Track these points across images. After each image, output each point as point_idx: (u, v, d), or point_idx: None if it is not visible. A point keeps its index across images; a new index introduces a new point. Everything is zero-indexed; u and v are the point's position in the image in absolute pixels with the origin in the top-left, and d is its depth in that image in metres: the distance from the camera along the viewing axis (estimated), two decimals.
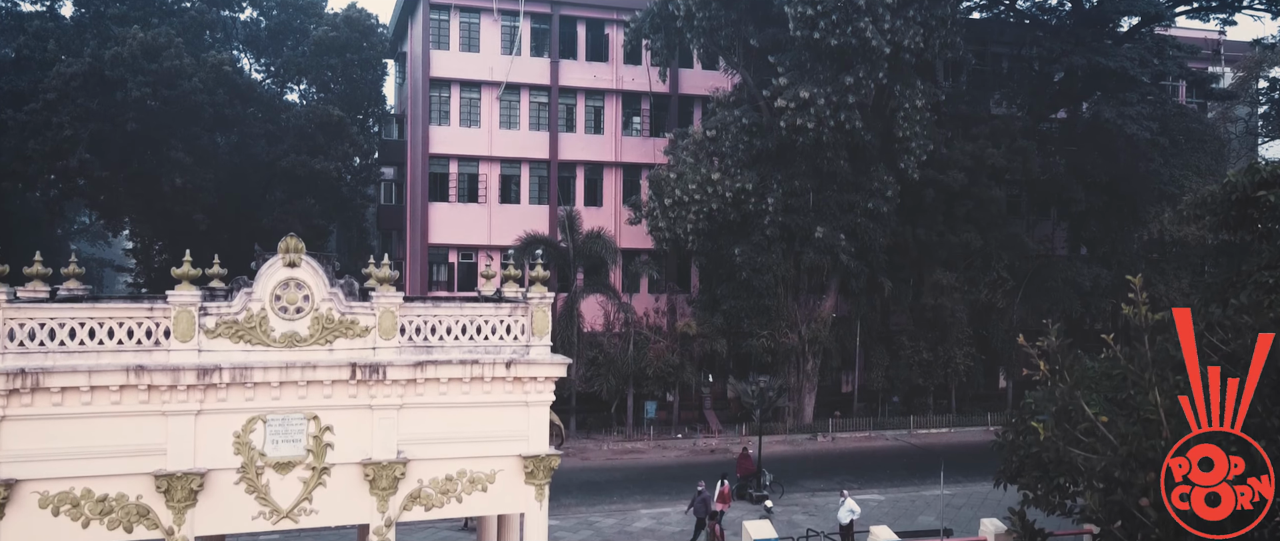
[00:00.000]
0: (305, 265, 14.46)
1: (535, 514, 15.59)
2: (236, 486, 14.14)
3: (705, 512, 25.22)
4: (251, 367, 13.94)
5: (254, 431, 14.17)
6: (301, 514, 14.45)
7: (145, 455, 13.64)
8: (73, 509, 13.35)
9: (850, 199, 40.18)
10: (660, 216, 39.87)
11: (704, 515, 25.19)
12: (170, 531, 13.71)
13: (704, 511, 25.21)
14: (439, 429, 15.04)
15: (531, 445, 15.43)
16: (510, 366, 15.19)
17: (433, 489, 15.03)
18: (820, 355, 42.61)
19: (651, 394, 41.35)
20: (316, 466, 14.42)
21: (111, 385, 13.36)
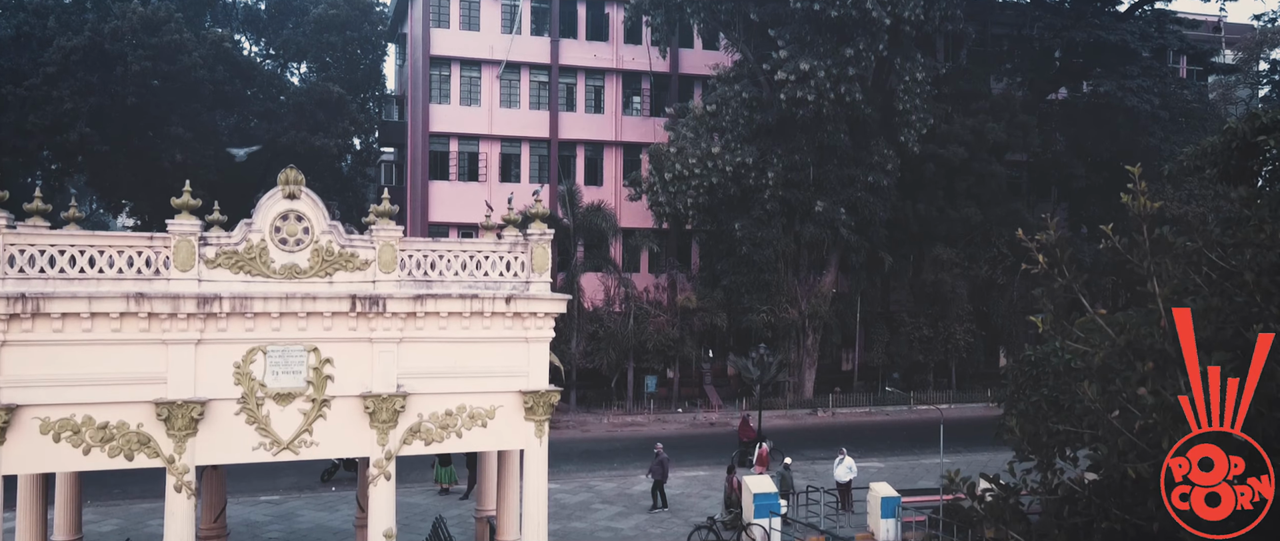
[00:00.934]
0: (305, 197, 14.48)
1: (535, 450, 15.61)
2: (237, 417, 14.15)
3: (662, 474, 24.93)
4: (251, 297, 13.95)
5: (254, 362, 14.18)
6: (302, 445, 14.47)
7: (146, 383, 13.65)
8: (74, 435, 13.37)
9: (850, 173, 40.17)
10: (660, 191, 39.90)
11: (661, 477, 24.89)
12: (171, 460, 13.72)
13: (661, 474, 24.91)
14: (439, 363, 15.05)
15: (531, 380, 15.44)
16: (510, 301, 15.19)
17: (433, 423, 15.04)
18: (820, 330, 42.62)
19: (652, 368, 41.35)
20: (317, 398, 14.44)
21: (112, 312, 13.37)
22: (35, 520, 15.96)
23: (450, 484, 26.26)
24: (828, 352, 46.41)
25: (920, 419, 41.05)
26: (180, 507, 13.85)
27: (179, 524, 13.86)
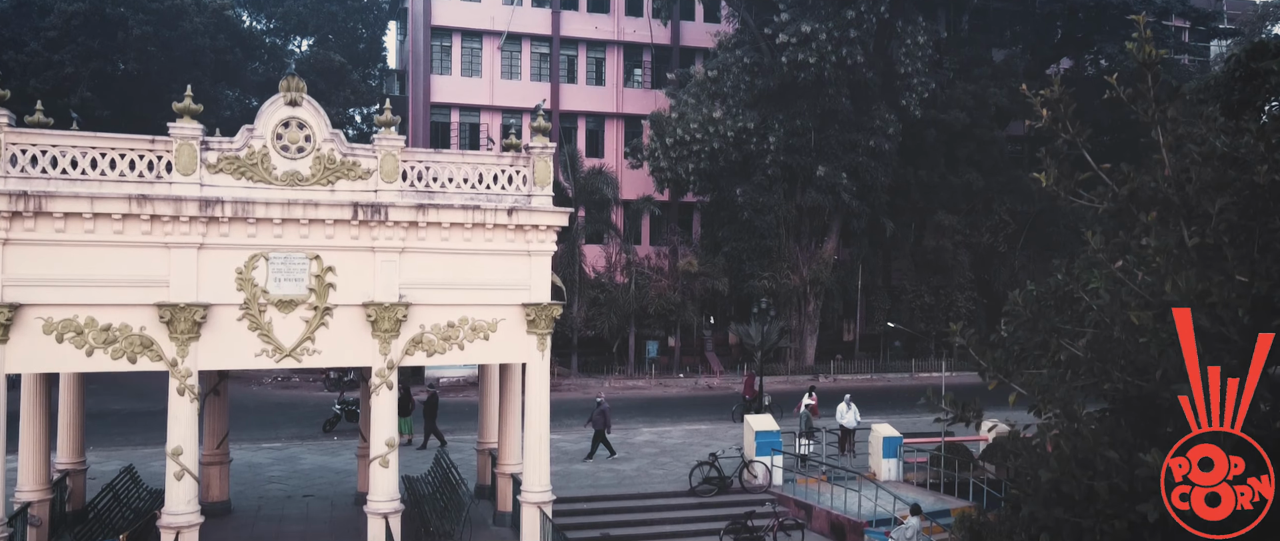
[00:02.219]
0: (307, 105, 14.48)
1: (537, 363, 15.61)
2: (239, 322, 14.15)
3: (603, 425, 24.60)
4: (253, 203, 13.94)
5: (256, 268, 14.18)
6: (304, 353, 14.47)
7: (148, 286, 13.65)
8: (76, 336, 13.37)
9: (852, 138, 40.14)
10: (661, 156, 39.91)
11: (602, 427, 24.56)
12: (174, 363, 13.72)
13: (602, 423, 24.58)
14: (441, 274, 15.05)
15: (534, 293, 15.43)
16: (512, 214, 15.18)
17: (435, 334, 15.04)
18: (822, 297, 42.62)
19: (653, 334, 41.37)
20: (319, 306, 14.43)
21: (114, 213, 13.36)
22: (39, 449, 15.89)
23: (408, 435, 25.99)
24: (829, 323, 46.39)
25: (921, 385, 41.02)
26: (183, 411, 13.86)
27: (182, 427, 13.87)
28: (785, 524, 19.90)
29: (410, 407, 25.93)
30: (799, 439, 23.89)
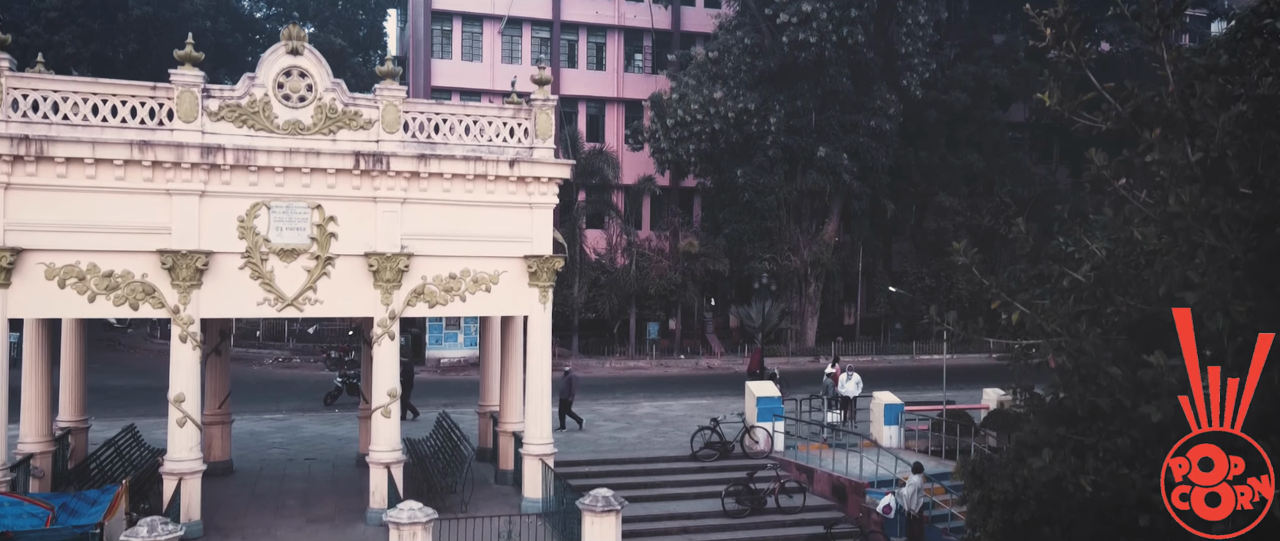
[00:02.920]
0: (308, 54, 14.47)
1: (539, 316, 15.61)
2: (241, 271, 14.17)
3: (569, 393, 23.90)
4: (255, 150, 13.95)
5: (258, 217, 14.19)
6: (306, 303, 14.48)
7: (150, 233, 13.67)
8: (78, 282, 13.38)
9: (852, 119, 40.09)
10: (662, 138, 39.86)
11: (567, 395, 23.82)
12: (176, 310, 13.74)
13: (568, 392, 23.93)
14: (442, 226, 15.06)
15: (535, 246, 15.44)
16: (514, 165, 15.18)
17: (436, 286, 15.05)
18: (822, 278, 42.58)
19: (654, 315, 41.34)
20: (321, 255, 14.44)
21: (116, 159, 13.37)
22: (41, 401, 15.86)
23: None
24: (830, 306, 46.36)
25: (922, 366, 41.05)
26: (186, 357, 13.87)
27: (184, 373, 13.89)
28: (787, 486, 19.90)
29: None
30: (826, 408, 24.11)
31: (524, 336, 16.91)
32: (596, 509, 12.21)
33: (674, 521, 18.62)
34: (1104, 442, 9.21)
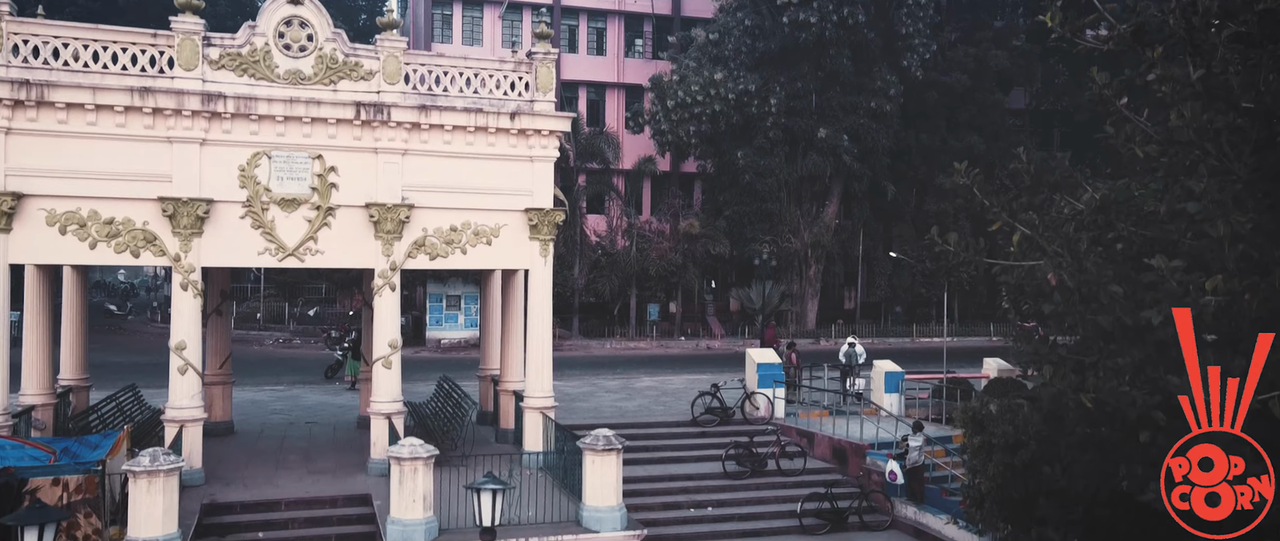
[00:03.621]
0: (309, 3, 14.46)
1: (539, 270, 15.61)
2: (242, 220, 14.17)
3: None
4: (256, 99, 13.95)
5: (259, 166, 14.19)
6: (307, 253, 14.48)
7: (151, 180, 13.68)
8: (79, 229, 13.38)
9: (853, 100, 40.08)
10: (663, 119, 39.84)
11: None
12: (177, 258, 13.74)
13: None
14: (443, 178, 15.06)
15: (536, 199, 15.44)
16: (515, 118, 15.17)
17: (437, 238, 15.05)
18: (823, 260, 42.58)
19: (654, 296, 41.34)
20: (322, 206, 14.44)
21: (116, 106, 13.37)
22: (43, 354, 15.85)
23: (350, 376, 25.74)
24: (831, 290, 46.37)
25: (922, 348, 41.03)
26: (187, 305, 13.88)
27: (186, 321, 13.91)
28: (788, 450, 19.91)
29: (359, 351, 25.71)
30: (844, 379, 24.17)
31: (525, 298, 16.94)
32: (597, 447, 12.22)
33: (674, 482, 18.64)
34: (1105, 361, 9.22)
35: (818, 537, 17.42)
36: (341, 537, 13.08)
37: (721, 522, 17.62)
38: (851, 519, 18.02)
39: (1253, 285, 7.83)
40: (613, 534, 12.01)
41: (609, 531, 12.01)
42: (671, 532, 17.18)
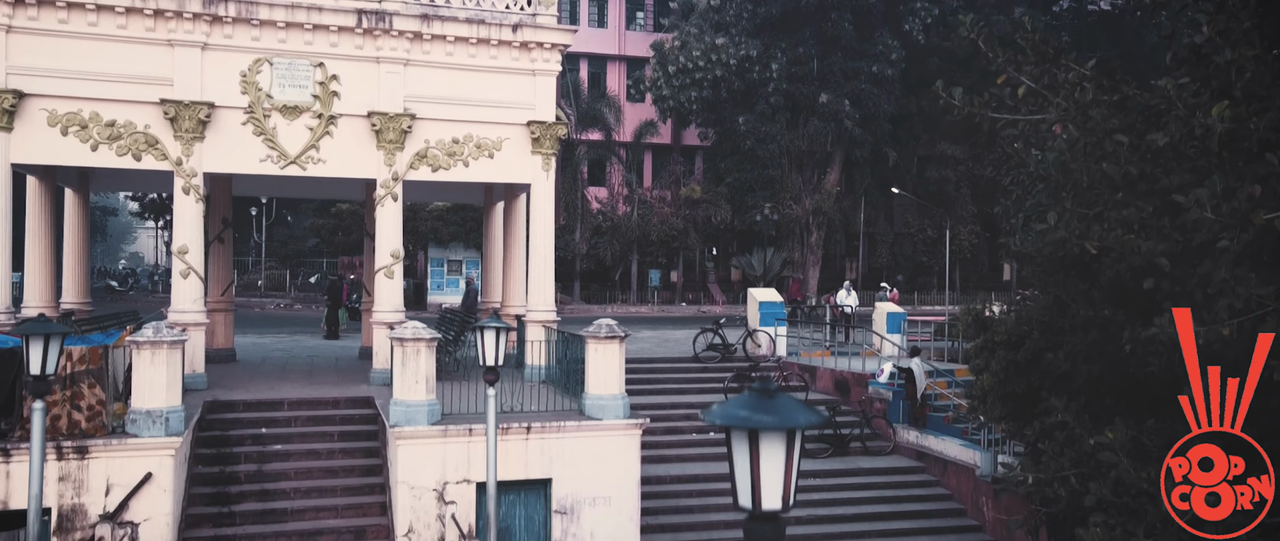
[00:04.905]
0: None
1: (541, 184, 15.58)
2: (244, 127, 14.14)
3: (474, 303, 22.32)
4: (257, 4, 13.91)
5: (261, 72, 14.15)
6: (309, 162, 14.44)
7: (152, 83, 13.65)
8: (81, 130, 13.35)
9: (854, 65, 40.02)
10: (664, 85, 39.76)
11: (473, 306, 22.20)
12: (178, 162, 13.72)
13: (473, 303, 22.53)
14: (446, 90, 15.01)
15: (538, 112, 15.40)
16: (517, 30, 15.12)
17: (439, 150, 15.01)
18: (824, 227, 42.52)
19: (656, 262, 41.30)
20: (324, 113, 14.41)
21: (117, 6, 13.34)
22: (45, 265, 15.86)
23: (342, 326, 25.60)
24: (832, 262, 46.35)
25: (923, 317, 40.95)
26: (188, 209, 13.86)
27: (188, 225, 13.89)
28: (792, 383, 19.91)
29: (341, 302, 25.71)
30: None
31: (526, 223, 16.92)
32: (599, 335, 12.19)
33: (676, 410, 18.63)
34: (1110, 213, 9.19)
35: (820, 462, 17.40)
36: (344, 435, 13.07)
37: (722, 446, 17.58)
38: (854, 444, 18.02)
39: (1259, 110, 7.82)
40: (615, 421, 11.98)
41: (611, 419, 11.98)
42: (673, 453, 17.21)
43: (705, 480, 16.29)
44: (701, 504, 15.71)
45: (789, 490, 3.31)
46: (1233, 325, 7.90)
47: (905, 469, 17.42)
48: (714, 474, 16.44)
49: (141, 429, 10.54)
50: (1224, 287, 7.65)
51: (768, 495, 3.31)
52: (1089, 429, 9.43)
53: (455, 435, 11.50)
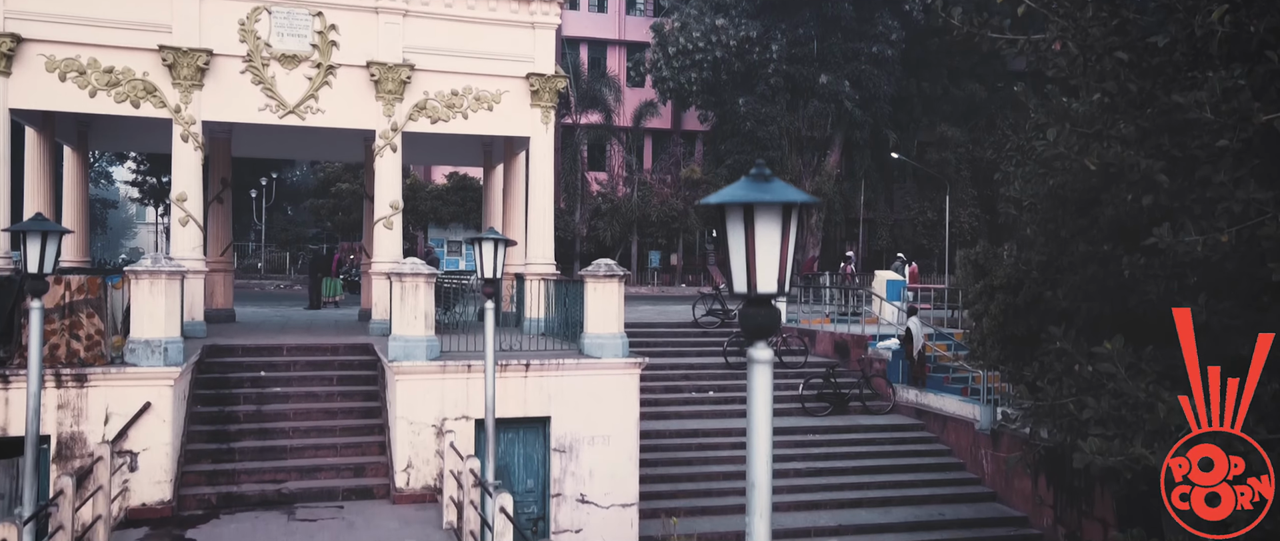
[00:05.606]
0: None
1: (541, 138, 15.56)
2: (242, 76, 14.12)
3: (333, 272, 22.31)
4: None
5: (259, 21, 14.13)
6: (308, 111, 14.43)
7: (151, 30, 13.62)
8: (79, 76, 13.34)
9: (854, 46, 39.98)
10: (664, 67, 39.75)
11: (325, 275, 22.60)
12: (177, 109, 13.70)
13: (331, 271, 22.42)
14: (445, 41, 14.99)
15: (537, 65, 15.37)
16: None
17: (439, 102, 14.99)
18: (825, 209, 42.50)
19: (656, 243, 41.31)
20: (322, 63, 14.39)
21: None
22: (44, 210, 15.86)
23: (337, 297, 25.52)
24: (832, 245, 46.33)
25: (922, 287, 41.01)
26: (187, 157, 13.86)
27: (186, 173, 13.88)
28: (792, 347, 19.92)
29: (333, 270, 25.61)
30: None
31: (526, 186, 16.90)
32: (598, 274, 12.18)
33: (676, 371, 18.68)
34: (1108, 130, 9.17)
35: (820, 419, 17.43)
36: (343, 378, 13.06)
37: (722, 404, 17.64)
38: (853, 403, 18.03)
39: (1258, 14, 7.81)
40: (614, 359, 11.96)
41: (610, 357, 11.96)
42: (672, 410, 17.24)
43: (703, 435, 16.32)
44: (701, 457, 15.75)
45: (784, 273, 3.30)
46: (1232, 233, 7.90)
47: (904, 426, 17.43)
48: (712, 429, 16.48)
49: (140, 358, 10.53)
50: (1223, 192, 7.64)
51: (763, 278, 3.31)
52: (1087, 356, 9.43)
53: (454, 371, 11.48)
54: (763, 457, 3.60)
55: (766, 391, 3.62)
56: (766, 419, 3.70)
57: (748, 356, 3.56)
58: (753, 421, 3.68)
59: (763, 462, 3.59)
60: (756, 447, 3.56)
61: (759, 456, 3.56)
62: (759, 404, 3.53)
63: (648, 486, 13.70)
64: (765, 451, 3.62)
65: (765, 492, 3.61)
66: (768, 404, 3.67)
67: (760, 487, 3.56)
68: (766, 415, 3.68)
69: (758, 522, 3.57)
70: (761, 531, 3.58)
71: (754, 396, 3.55)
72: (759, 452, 3.54)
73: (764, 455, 3.63)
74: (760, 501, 3.60)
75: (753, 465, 3.61)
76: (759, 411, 3.54)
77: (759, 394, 3.51)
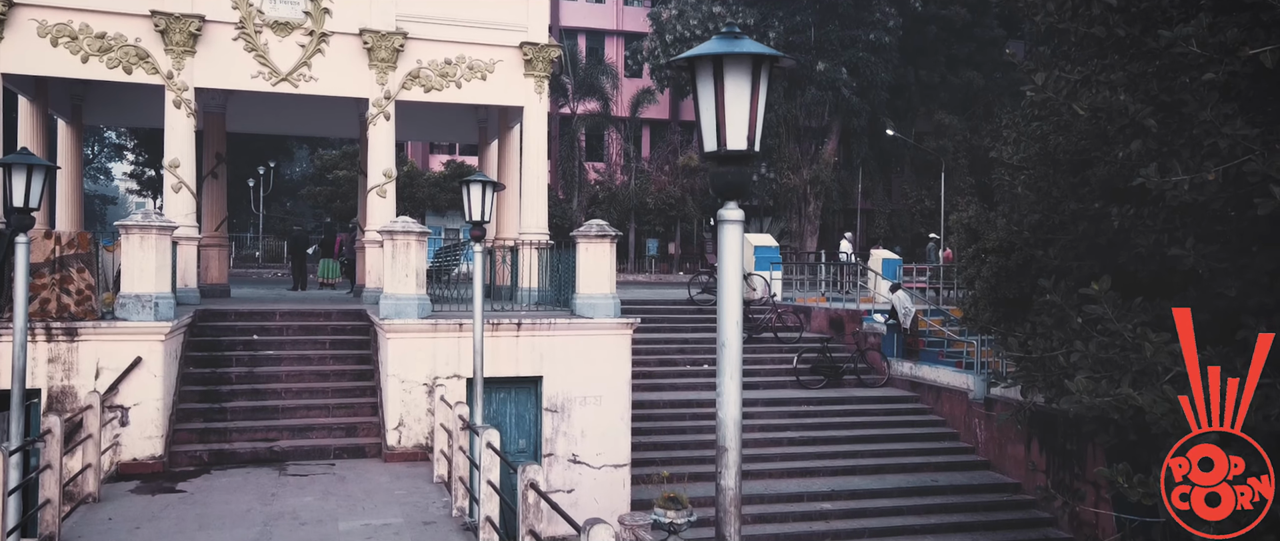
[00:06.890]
0: None
1: (534, 107, 15.56)
2: (235, 42, 14.12)
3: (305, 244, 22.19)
4: None
5: None
6: (300, 79, 14.42)
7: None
8: (71, 42, 13.34)
9: (852, 34, 39.99)
10: (662, 55, 39.76)
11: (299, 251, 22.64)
12: (169, 76, 13.70)
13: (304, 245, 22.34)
14: (438, 9, 14.98)
15: (531, 34, 15.36)
16: None
17: (432, 71, 14.99)
18: (822, 197, 42.52)
19: (654, 231, 41.31)
20: (315, 30, 14.39)
21: None
22: None
23: (334, 279, 25.48)
24: (830, 234, 46.33)
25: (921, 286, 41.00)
26: (180, 123, 13.86)
27: (179, 139, 13.88)
28: (788, 323, 19.92)
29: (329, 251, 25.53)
30: None
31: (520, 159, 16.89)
32: (590, 234, 12.18)
33: (671, 345, 18.68)
34: (1099, 76, 9.17)
35: (814, 391, 17.43)
36: (335, 343, 13.06)
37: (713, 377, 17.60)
38: (847, 375, 18.03)
39: None
40: (606, 319, 11.97)
41: (602, 317, 11.97)
42: (666, 383, 17.24)
43: (695, 405, 16.35)
44: (693, 426, 15.77)
45: (754, 129, 3.30)
46: (1218, 172, 7.90)
47: (898, 398, 17.44)
48: (704, 400, 16.49)
49: (131, 313, 10.54)
50: (1209, 129, 7.64)
51: (733, 134, 3.31)
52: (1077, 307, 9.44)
53: (445, 329, 11.49)
54: (732, 328, 3.64)
55: (736, 252, 3.64)
56: (736, 288, 3.72)
57: (717, 217, 3.58)
58: (722, 291, 3.71)
59: (732, 330, 3.63)
60: (726, 313, 3.59)
61: (729, 322, 3.60)
62: (729, 266, 3.55)
63: (641, 453, 13.74)
64: (735, 320, 3.66)
65: (735, 355, 3.66)
66: (737, 268, 3.69)
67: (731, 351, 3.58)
68: (736, 282, 3.70)
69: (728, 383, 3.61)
70: (731, 392, 3.64)
71: (724, 257, 3.57)
72: (729, 316, 3.58)
73: (734, 328, 3.67)
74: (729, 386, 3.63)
75: (722, 328, 3.66)
76: (729, 273, 3.57)
77: (728, 254, 3.54)
